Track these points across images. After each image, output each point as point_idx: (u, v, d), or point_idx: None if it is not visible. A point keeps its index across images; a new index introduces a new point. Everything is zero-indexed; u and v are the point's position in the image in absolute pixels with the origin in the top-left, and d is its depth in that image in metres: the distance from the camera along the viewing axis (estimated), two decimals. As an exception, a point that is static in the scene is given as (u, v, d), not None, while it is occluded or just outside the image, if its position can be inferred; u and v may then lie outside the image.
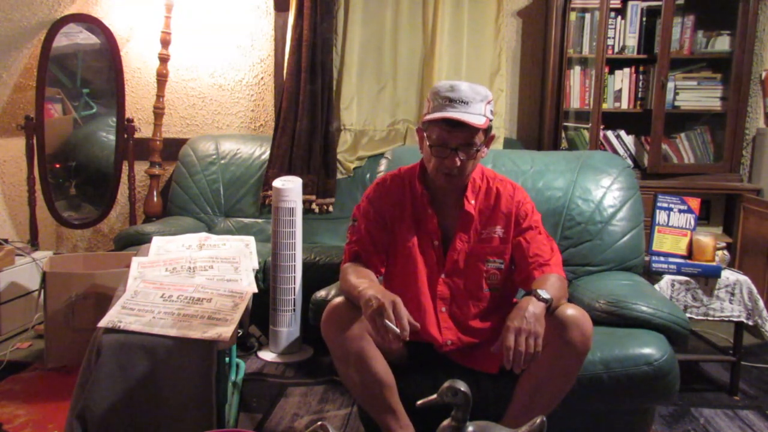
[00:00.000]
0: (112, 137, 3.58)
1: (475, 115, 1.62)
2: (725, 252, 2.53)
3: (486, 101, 1.66)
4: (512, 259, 1.78)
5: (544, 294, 1.55)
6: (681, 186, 3.19)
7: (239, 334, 1.86)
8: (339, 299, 1.67)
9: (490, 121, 1.68)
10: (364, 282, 1.64)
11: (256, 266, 2.22)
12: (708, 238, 2.43)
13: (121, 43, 3.55)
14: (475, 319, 1.77)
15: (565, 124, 3.40)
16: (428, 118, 1.66)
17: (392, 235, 1.79)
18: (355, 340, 1.61)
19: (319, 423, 1.40)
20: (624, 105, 3.36)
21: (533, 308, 1.52)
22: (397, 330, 1.49)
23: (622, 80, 3.34)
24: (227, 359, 1.92)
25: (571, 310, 1.58)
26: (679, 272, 2.39)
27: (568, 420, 1.76)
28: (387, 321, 1.49)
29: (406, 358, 1.78)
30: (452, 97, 1.63)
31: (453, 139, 1.64)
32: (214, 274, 2.05)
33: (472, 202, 1.76)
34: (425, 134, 1.70)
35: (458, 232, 1.76)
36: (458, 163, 1.65)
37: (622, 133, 3.38)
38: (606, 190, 2.30)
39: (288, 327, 2.69)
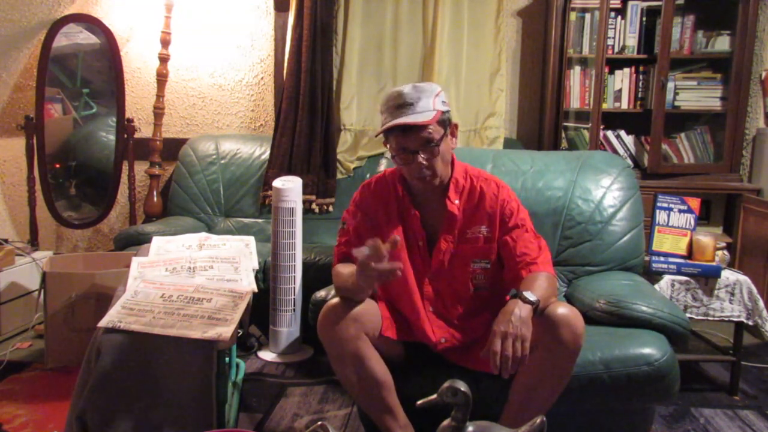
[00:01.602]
0: (112, 137, 3.58)
1: (422, 113, 1.63)
2: (725, 252, 2.53)
3: (434, 94, 1.66)
4: (500, 258, 1.77)
5: (530, 296, 1.54)
6: (681, 186, 3.19)
7: (239, 334, 1.86)
8: (335, 300, 1.67)
9: (444, 112, 1.67)
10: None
11: (256, 266, 2.22)
12: (708, 238, 2.43)
13: (121, 43, 3.55)
14: (464, 318, 1.77)
15: (565, 124, 3.40)
16: (379, 131, 1.69)
17: (380, 237, 1.79)
18: (351, 340, 1.62)
19: (319, 423, 1.40)
20: (624, 105, 3.36)
21: (519, 311, 1.51)
22: (371, 249, 1.51)
23: (622, 80, 3.34)
24: (227, 359, 1.92)
25: (561, 309, 1.57)
26: (679, 272, 2.39)
27: (569, 420, 1.76)
28: (374, 266, 1.51)
29: (404, 358, 1.78)
30: (398, 104, 1.65)
31: (409, 142, 1.65)
32: (214, 274, 2.05)
33: (456, 202, 1.76)
34: (388, 146, 1.72)
35: (443, 233, 1.76)
36: (425, 163, 1.66)
37: (622, 133, 3.38)
38: (606, 190, 2.30)
39: (288, 327, 2.69)
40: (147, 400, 1.71)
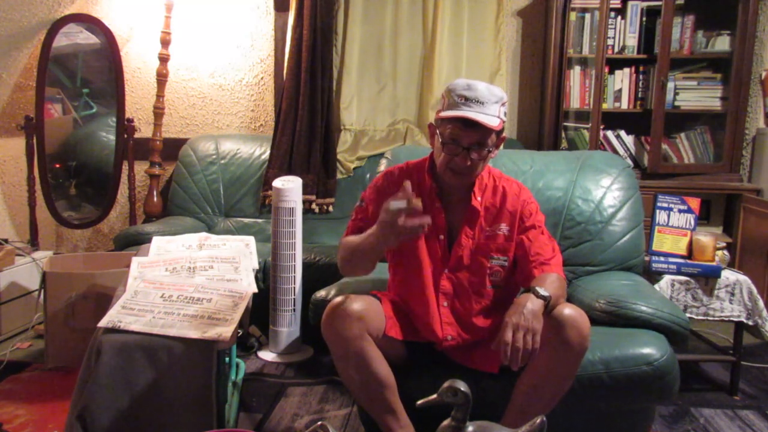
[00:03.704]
0: (112, 137, 3.58)
1: (489, 116, 1.63)
2: (725, 252, 2.53)
3: (500, 103, 1.67)
4: (515, 258, 1.78)
5: (542, 291, 1.56)
6: (681, 186, 3.19)
7: (239, 334, 1.86)
8: (339, 299, 1.67)
9: (503, 122, 1.68)
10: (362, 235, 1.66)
11: (256, 266, 2.22)
12: (708, 238, 2.43)
13: (121, 43, 3.55)
14: (477, 316, 1.77)
15: (565, 124, 3.40)
16: (443, 115, 1.66)
17: None
18: (355, 339, 1.62)
19: (319, 423, 1.40)
20: (624, 105, 3.35)
21: (531, 305, 1.52)
22: (408, 203, 1.48)
23: (622, 80, 3.34)
24: (227, 359, 1.92)
25: (568, 310, 1.58)
26: (679, 272, 2.39)
27: (569, 420, 1.76)
28: (396, 208, 1.49)
29: (406, 358, 1.78)
30: (468, 96, 1.63)
31: (466, 138, 1.64)
32: (214, 274, 2.05)
33: (479, 198, 1.77)
34: (438, 131, 1.70)
35: (464, 227, 1.77)
36: (468, 162, 1.66)
37: (622, 133, 3.38)
38: (606, 190, 2.30)
39: (288, 327, 2.69)
40: (147, 400, 1.71)
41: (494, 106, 1.64)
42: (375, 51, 3.39)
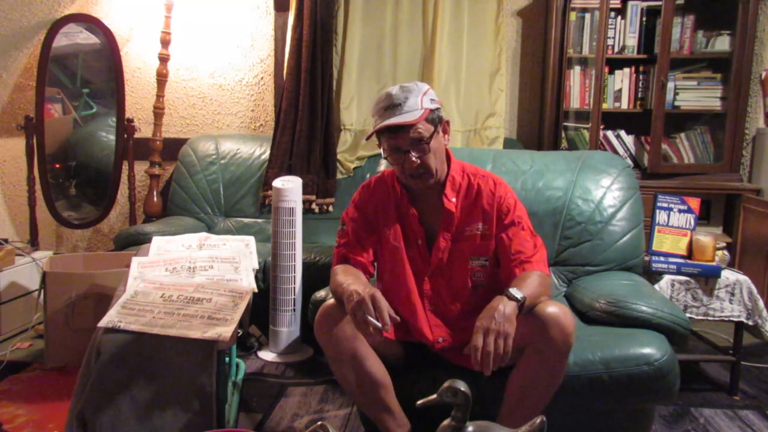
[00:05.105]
0: (112, 137, 3.58)
1: (409, 113, 1.65)
2: (725, 252, 2.53)
3: (421, 93, 1.68)
4: (497, 256, 1.77)
5: (516, 293, 1.53)
6: (681, 186, 3.19)
7: (239, 334, 1.86)
8: (331, 301, 1.68)
9: (432, 110, 1.69)
10: (349, 279, 1.66)
11: (256, 266, 2.22)
12: (708, 238, 2.43)
13: (121, 43, 3.55)
14: (463, 317, 1.76)
15: (565, 124, 3.40)
16: (370, 134, 1.72)
17: (379, 237, 1.81)
18: (347, 340, 1.62)
19: (319, 423, 1.40)
20: (624, 105, 3.35)
21: (503, 307, 1.49)
22: (378, 324, 1.49)
23: (622, 80, 3.34)
24: (227, 359, 1.92)
25: (551, 308, 1.56)
26: (679, 272, 2.39)
27: (569, 420, 1.76)
28: (368, 315, 1.50)
29: (403, 358, 1.79)
30: (386, 106, 1.67)
31: (400, 142, 1.67)
32: (214, 274, 2.05)
33: (453, 200, 1.76)
34: (381, 147, 1.74)
35: (441, 230, 1.77)
36: (417, 162, 1.67)
37: (622, 133, 3.38)
38: (606, 190, 2.30)
39: (288, 327, 2.69)
40: (147, 400, 1.71)
41: (413, 100, 1.66)
42: (375, 51, 3.39)
